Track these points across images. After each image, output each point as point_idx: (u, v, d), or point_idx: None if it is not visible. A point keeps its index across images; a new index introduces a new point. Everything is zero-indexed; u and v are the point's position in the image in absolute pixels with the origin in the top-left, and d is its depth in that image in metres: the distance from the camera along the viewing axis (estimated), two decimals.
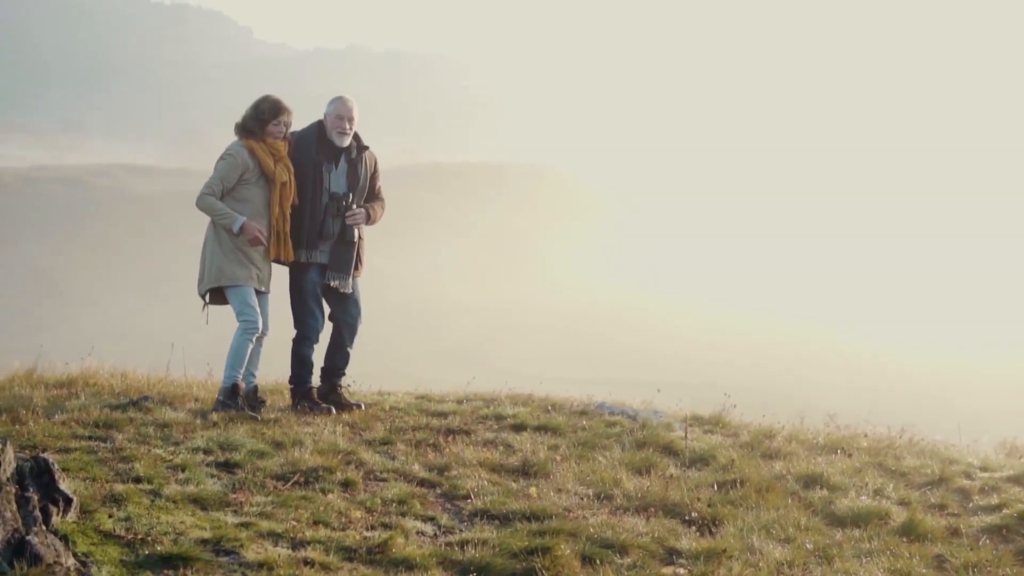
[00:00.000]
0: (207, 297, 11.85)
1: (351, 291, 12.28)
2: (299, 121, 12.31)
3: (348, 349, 12.45)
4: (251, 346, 11.72)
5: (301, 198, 12.00)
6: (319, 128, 12.25)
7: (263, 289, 11.88)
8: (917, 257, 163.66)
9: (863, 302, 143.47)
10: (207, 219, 11.78)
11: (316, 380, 12.44)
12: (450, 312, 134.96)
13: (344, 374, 12.51)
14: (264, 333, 11.92)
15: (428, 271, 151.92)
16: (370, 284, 12.55)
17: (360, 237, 12.30)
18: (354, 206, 12.16)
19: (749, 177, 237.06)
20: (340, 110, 12.17)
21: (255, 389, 11.90)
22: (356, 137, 12.31)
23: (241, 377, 11.69)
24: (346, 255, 12.18)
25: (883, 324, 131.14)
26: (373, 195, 12.50)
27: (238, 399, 11.59)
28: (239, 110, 12.03)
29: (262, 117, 11.83)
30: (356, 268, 12.31)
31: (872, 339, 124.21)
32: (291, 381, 12.36)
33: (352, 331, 12.43)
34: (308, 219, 12.01)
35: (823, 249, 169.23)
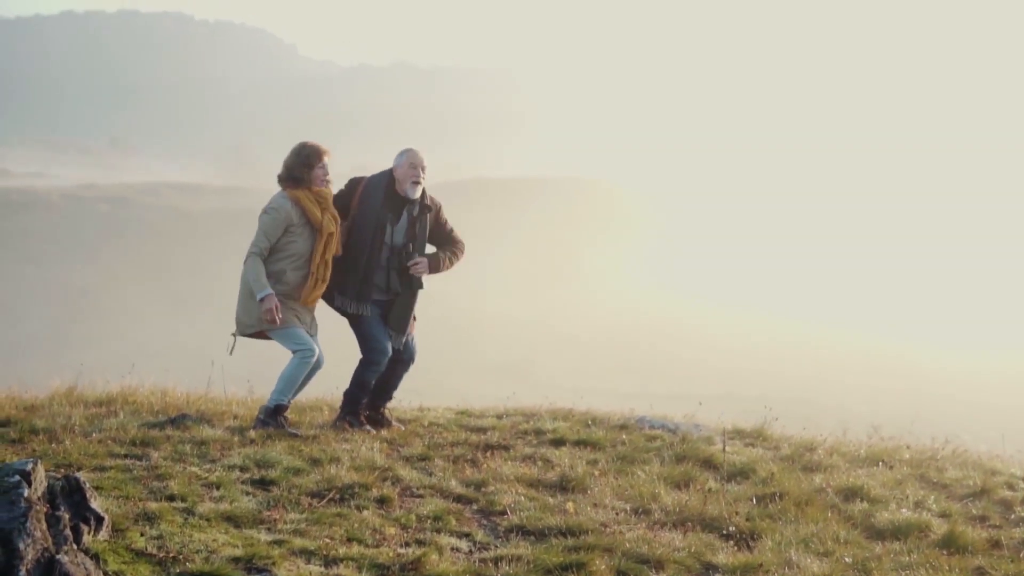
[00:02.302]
0: (236, 334, 11.79)
1: (401, 348, 12.22)
2: (343, 137, 12.20)
3: (403, 376, 12.46)
4: (306, 372, 11.68)
5: (359, 248, 11.92)
6: (388, 179, 12.10)
7: (311, 332, 11.80)
8: (961, 257, 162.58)
9: (909, 306, 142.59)
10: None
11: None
12: (493, 326, 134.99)
13: (391, 398, 12.54)
14: (318, 367, 11.86)
15: (471, 285, 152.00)
16: None
17: (422, 287, 12.21)
18: (415, 255, 12.09)
19: (788, 178, 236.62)
20: (413, 159, 12.04)
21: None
22: (423, 194, 12.17)
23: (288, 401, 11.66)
24: (405, 310, 12.16)
25: (929, 325, 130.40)
26: (446, 239, 12.42)
27: (278, 418, 11.54)
28: (285, 126, 12.08)
29: (308, 162, 11.69)
30: (411, 323, 12.30)
31: (923, 344, 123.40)
32: (345, 395, 12.27)
33: (407, 368, 12.45)
34: (364, 271, 11.93)
35: (868, 250, 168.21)
